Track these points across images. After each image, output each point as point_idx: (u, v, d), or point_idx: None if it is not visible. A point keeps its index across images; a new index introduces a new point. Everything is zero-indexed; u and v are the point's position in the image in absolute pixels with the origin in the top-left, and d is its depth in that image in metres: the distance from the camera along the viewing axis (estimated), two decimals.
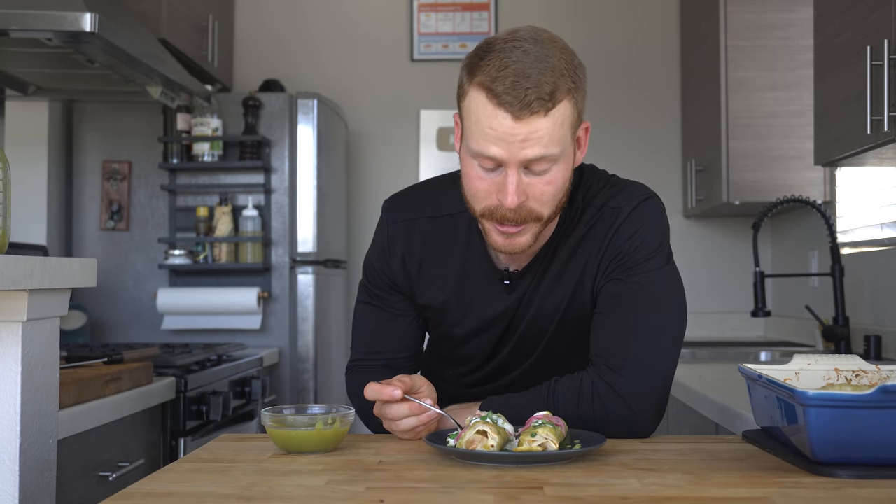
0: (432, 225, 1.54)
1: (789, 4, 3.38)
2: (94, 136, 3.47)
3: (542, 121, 1.31)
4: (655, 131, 4.15)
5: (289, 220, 3.43)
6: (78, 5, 2.35)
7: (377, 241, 1.59)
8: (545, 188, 1.36)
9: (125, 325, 3.42)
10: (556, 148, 1.33)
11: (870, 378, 1.31)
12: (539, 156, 1.32)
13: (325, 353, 3.54)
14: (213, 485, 1.14)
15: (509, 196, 1.34)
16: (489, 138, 1.32)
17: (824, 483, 1.11)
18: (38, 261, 1.40)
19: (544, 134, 1.32)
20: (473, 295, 1.53)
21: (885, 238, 2.84)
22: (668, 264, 1.47)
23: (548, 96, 1.31)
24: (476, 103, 1.34)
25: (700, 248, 4.06)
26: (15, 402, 1.42)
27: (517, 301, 1.52)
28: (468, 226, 1.53)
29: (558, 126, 1.33)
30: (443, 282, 1.54)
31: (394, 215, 1.57)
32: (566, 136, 1.35)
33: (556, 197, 1.38)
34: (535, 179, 1.35)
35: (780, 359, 3.12)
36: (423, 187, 1.62)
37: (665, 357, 1.43)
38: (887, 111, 2.04)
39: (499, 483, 1.13)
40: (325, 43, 4.21)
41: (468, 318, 1.55)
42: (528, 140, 1.31)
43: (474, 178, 1.38)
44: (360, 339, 1.63)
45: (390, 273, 1.56)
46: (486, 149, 1.33)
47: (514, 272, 1.51)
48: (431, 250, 1.54)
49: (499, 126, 1.31)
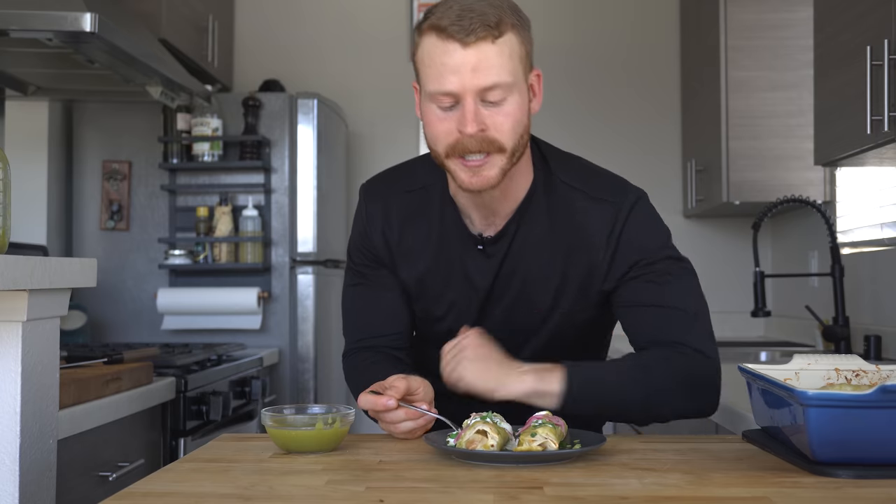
0: (408, 197, 1.58)
1: (789, 4, 3.37)
2: (94, 136, 3.47)
3: (490, 47, 1.36)
4: (655, 131, 4.14)
5: (289, 220, 3.43)
6: (78, 5, 2.35)
7: (357, 222, 1.63)
8: (503, 119, 1.39)
9: (125, 325, 3.42)
10: (507, 76, 1.37)
11: (870, 378, 1.31)
12: (491, 82, 1.36)
13: (325, 353, 3.54)
14: (213, 485, 1.14)
15: (468, 123, 1.37)
16: (443, 74, 1.36)
17: (824, 483, 1.11)
18: (38, 261, 1.40)
19: (494, 62, 1.36)
20: (451, 263, 1.55)
21: (885, 238, 2.84)
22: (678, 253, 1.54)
23: (493, 23, 1.36)
24: (426, 46, 1.39)
25: (700, 248, 4.06)
26: (15, 402, 1.42)
27: (495, 269, 1.52)
28: (441, 196, 1.56)
29: (506, 57, 1.37)
30: (420, 252, 1.56)
31: (371, 195, 1.62)
32: (517, 68, 1.39)
33: (515, 129, 1.40)
34: (492, 110, 1.38)
35: (780, 359, 3.12)
36: (396, 167, 1.67)
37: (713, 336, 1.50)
38: (887, 111, 2.04)
39: (499, 483, 1.13)
40: (325, 43, 4.21)
41: (448, 288, 1.56)
42: (479, 68, 1.35)
43: (434, 121, 1.41)
44: (351, 323, 1.65)
45: (372, 248, 1.59)
46: (441, 84, 1.37)
47: (487, 238, 1.52)
48: (408, 221, 1.57)
49: (449, 59, 1.36)
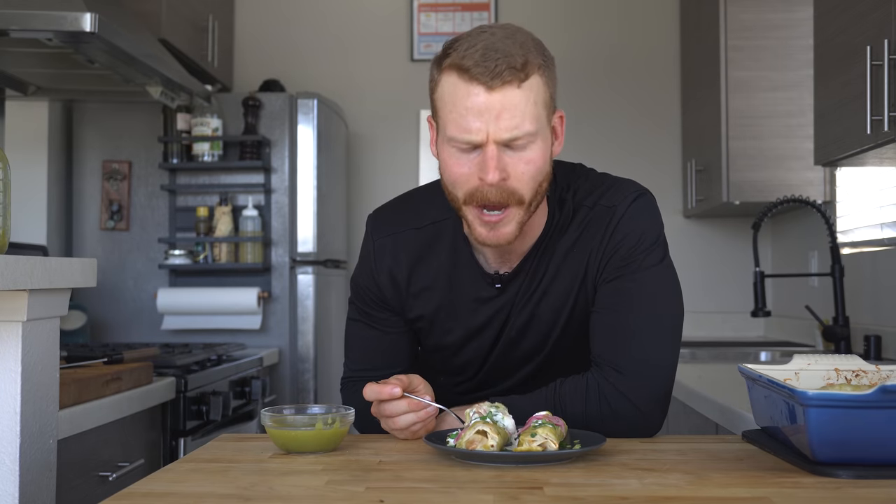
0: (417, 235, 1.53)
1: (789, 4, 3.37)
2: (94, 136, 3.47)
3: (515, 92, 1.31)
4: (655, 131, 4.14)
5: (289, 220, 3.43)
6: (78, 5, 2.35)
7: (364, 257, 1.57)
8: (525, 167, 1.34)
9: (125, 325, 3.42)
10: (532, 125, 1.32)
11: (870, 378, 1.31)
12: (515, 129, 1.31)
13: (325, 353, 3.54)
14: (213, 485, 1.14)
15: (490, 171, 1.32)
16: (466, 117, 1.31)
17: (824, 483, 1.11)
18: (38, 261, 1.40)
19: (519, 109, 1.31)
20: (463, 301, 1.52)
21: (885, 238, 2.84)
22: (663, 260, 1.47)
23: (519, 66, 1.30)
24: (448, 86, 1.33)
25: (700, 249, 4.06)
26: (15, 402, 1.42)
27: (509, 303, 1.50)
28: (453, 232, 1.51)
29: (532, 103, 1.32)
30: (432, 291, 1.52)
31: (379, 229, 1.56)
32: (541, 115, 1.34)
33: (535, 178, 1.36)
34: (514, 157, 1.34)
35: (780, 359, 3.12)
36: (405, 199, 1.61)
37: (667, 354, 1.43)
38: (887, 111, 2.04)
39: (499, 483, 1.13)
40: (325, 43, 4.21)
41: (459, 324, 1.53)
42: (504, 114, 1.30)
43: (453, 165, 1.36)
44: (352, 355, 1.62)
45: (377, 290, 1.55)
46: (464, 128, 1.32)
47: (504, 274, 1.49)
48: (418, 261, 1.53)
49: (473, 103, 1.30)
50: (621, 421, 1.40)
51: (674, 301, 1.46)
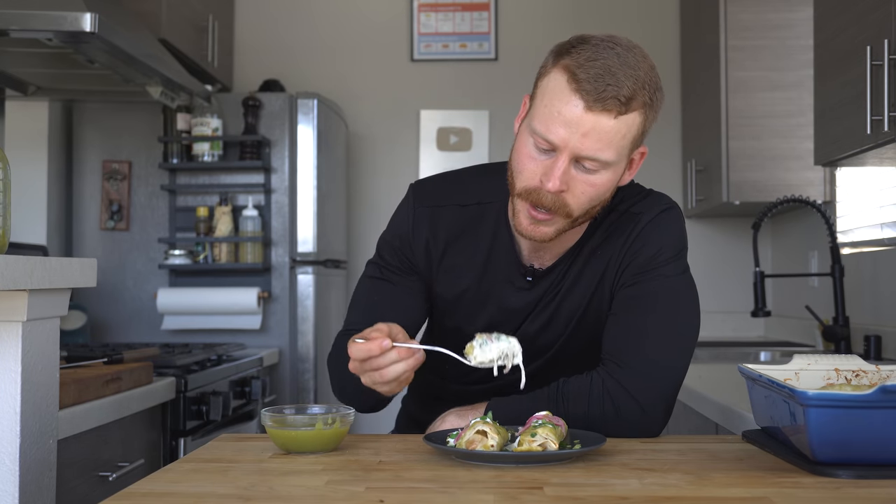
0: (461, 213, 1.53)
1: (789, 4, 3.37)
2: (94, 136, 3.47)
3: (609, 122, 1.33)
4: (655, 131, 4.11)
5: (289, 220, 3.43)
6: (78, 5, 2.35)
7: (400, 221, 1.56)
8: (586, 188, 1.37)
9: (125, 325, 3.42)
10: (611, 155, 1.35)
11: (870, 378, 1.31)
12: (594, 152, 1.34)
13: (325, 353, 3.52)
14: (213, 485, 1.14)
15: (552, 179, 1.35)
16: (555, 120, 1.33)
17: (824, 483, 1.11)
18: (38, 261, 1.40)
19: (607, 136, 1.33)
20: (493, 287, 1.52)
21: (885, 238, 2.84)
22: (683, 273, 1.48)
23: (624, 98, 1.32)
24: (554, 84, 1.35)
25: (700, 248, 4.06)
26: (15, 402, 1.42)
27: (536, 300, 1.52)
28: (496, 217, 1.52)
29: (620, 136, 1.34)
30: (464, 270, 1.53)
31: (421, 198, 1.55)
32: (624, 149, 1.37)
33: (592, 201, 1.39)
34: (581, 175, 1.36)
35: (780, 359, 3.12)
36: (452, 175, 1.61)
37: (675, 359, 1.44)
38: (887, 111, 2.04)
39: (499, 483, 1.13)
40: (325, 43, 4.21)
41: (484, 310, 1.53)
42: (591, 134, 1.33)
43: (525, 155, 1.39)
44: (359, 308, 1.56)
45: (411, 255, 1.54)
46: (548, 130, 1.34)
47: (538, 269, 1.51)
48: (456, 238, 1.53)
49: (568, 111, 1.33)
50: (623, 419, 1.40)
51: (690, 311, 1.47)
